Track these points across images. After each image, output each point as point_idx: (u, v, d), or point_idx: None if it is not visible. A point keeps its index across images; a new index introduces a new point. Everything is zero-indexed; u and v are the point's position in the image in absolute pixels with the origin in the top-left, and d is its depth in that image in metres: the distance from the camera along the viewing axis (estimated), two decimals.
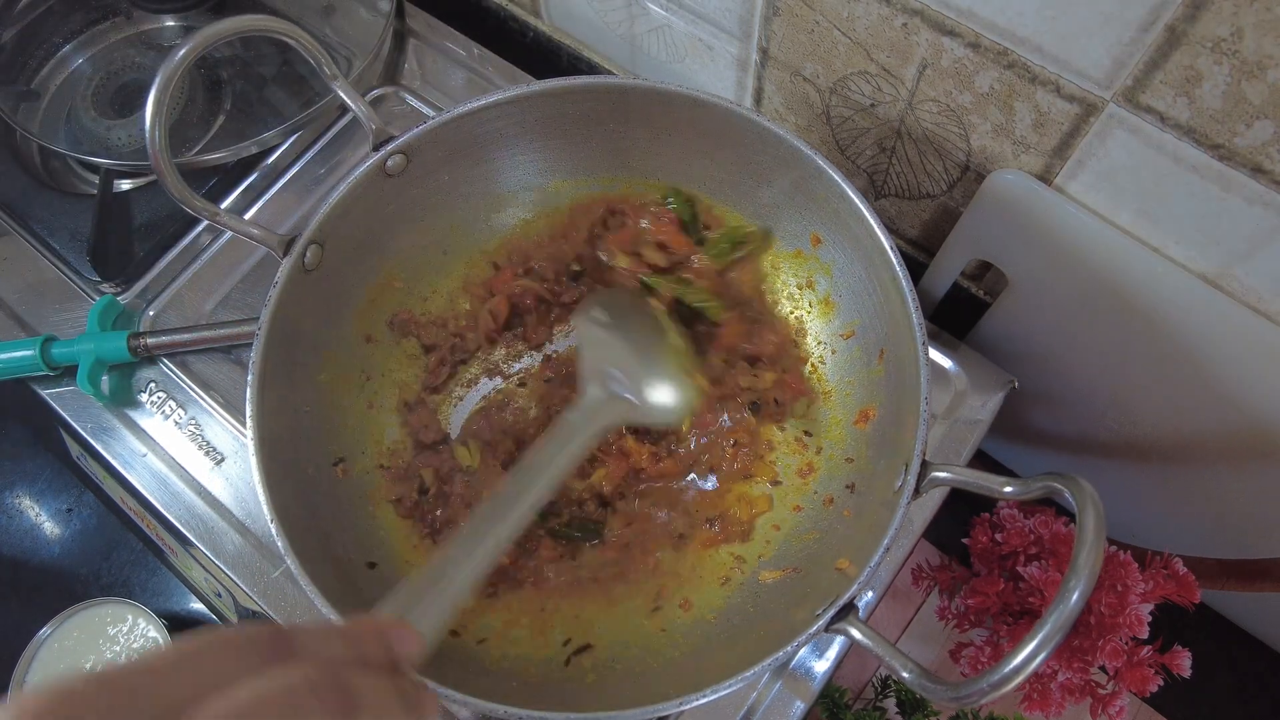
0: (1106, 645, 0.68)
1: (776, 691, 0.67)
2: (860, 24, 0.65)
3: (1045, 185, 0.65)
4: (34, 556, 0.91)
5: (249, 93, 0.89)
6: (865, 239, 0.63)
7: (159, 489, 0.74)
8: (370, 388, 0.71)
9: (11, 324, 0.80)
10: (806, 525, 0.66)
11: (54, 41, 0.91)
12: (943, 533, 0.83)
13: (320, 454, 0.66)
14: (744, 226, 0.72)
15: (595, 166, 0.74)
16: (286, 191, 0.86)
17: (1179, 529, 0.82)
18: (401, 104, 0.90)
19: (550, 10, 0.91)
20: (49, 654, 0.79)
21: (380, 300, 0.72)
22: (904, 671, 0.48)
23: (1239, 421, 0.67)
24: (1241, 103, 0.51)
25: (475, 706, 0.52)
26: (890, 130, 0.72)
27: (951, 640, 0.78)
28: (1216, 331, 0.63)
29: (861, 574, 0.53)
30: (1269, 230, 0.57)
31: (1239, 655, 0.89)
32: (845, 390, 0.69)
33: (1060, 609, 0.41)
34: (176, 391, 0.77)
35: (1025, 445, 0.92)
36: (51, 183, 0.86)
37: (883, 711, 0.83)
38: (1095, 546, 0.42)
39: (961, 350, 0.78)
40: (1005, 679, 0.42)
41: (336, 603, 0.54)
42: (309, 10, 0.94)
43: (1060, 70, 0.57)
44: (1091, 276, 0.67)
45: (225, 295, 0.81)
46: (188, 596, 0.89)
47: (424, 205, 0.71)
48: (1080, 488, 0.45)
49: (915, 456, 0.55)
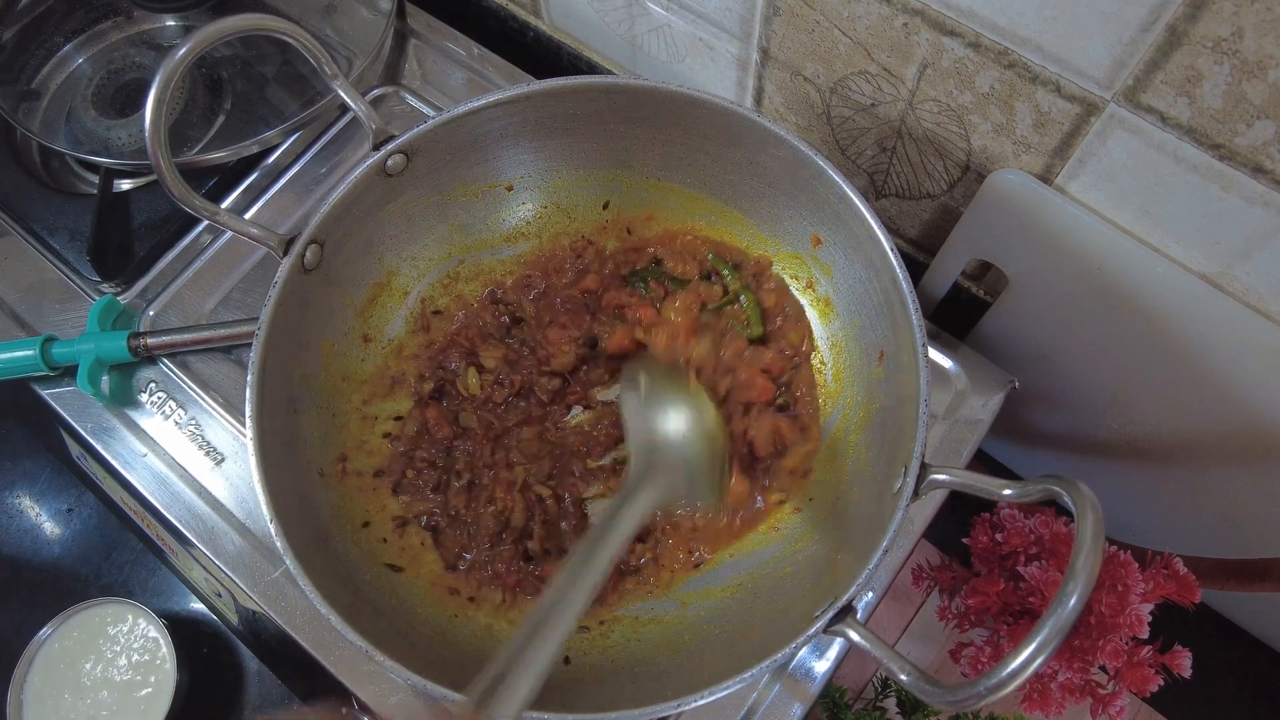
0: (1107, 645, 0.67)
1: (776, 692, 0.67)
2: (861, 24, 0.64)
3: (1046, 185, 0.65)
4: (34, 556, 0.91)
5: (249, 92, 0.89)
6: (865, 239, 0.63)
7: (159, 489, 0.74)
8: (370, 388, 0.71)
9: (11, 324, 0.80)
10: (805, 526, 0.66)
11: (54, 41, 0.91)
12: (943, 533, 0.83)
13: (320, 454, 0.66)
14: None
15: (595, 166, 0.74)
16: (286, 191, 0.86)
17: (1179, 529, 0.82)
18: (402, 104, 0.90)
19: (550, 10, 0.91)
20: (49, 654, 0.79)
21: (380, 300, 0.72)
22: (901, 674, 0.48)
23: (1239, 421, 0.67)
24: (1242, 102, 0.51)
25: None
26: (891, 130, 0.72)
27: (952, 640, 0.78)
28: (1216, 331, 0.63)
29: (860, 576, 0.53)
30: (1269, 230, 0.56)
31: (1239, 655, 0.89)
32: (845, 391, 0.69)
33: (1058, 612, 0.41)
34: (176, 391, 0.77)
35: (1025, 445, 0.91)
36: (51, 182, 0.86)
37: (883, 711, 0.83)
38: (1093, 550, 0.42)
39: (962, 350, 0.78)
40: (1002, 683, 0.42)
41: (335, 604, 0.54)
42: (310, 10, 0.93)
43: (1061, 70, 0.57)
44: (1092, 276, 0.66)
45: (225, 295, 0.81)
46: (188, 596, 0.89)
47: (424, 205, 0.71)
48: (1079, 491, 0.44)
49: (914, 458, 0.55)
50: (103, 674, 0.78)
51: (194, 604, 0.88)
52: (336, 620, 0.53)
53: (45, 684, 0.78)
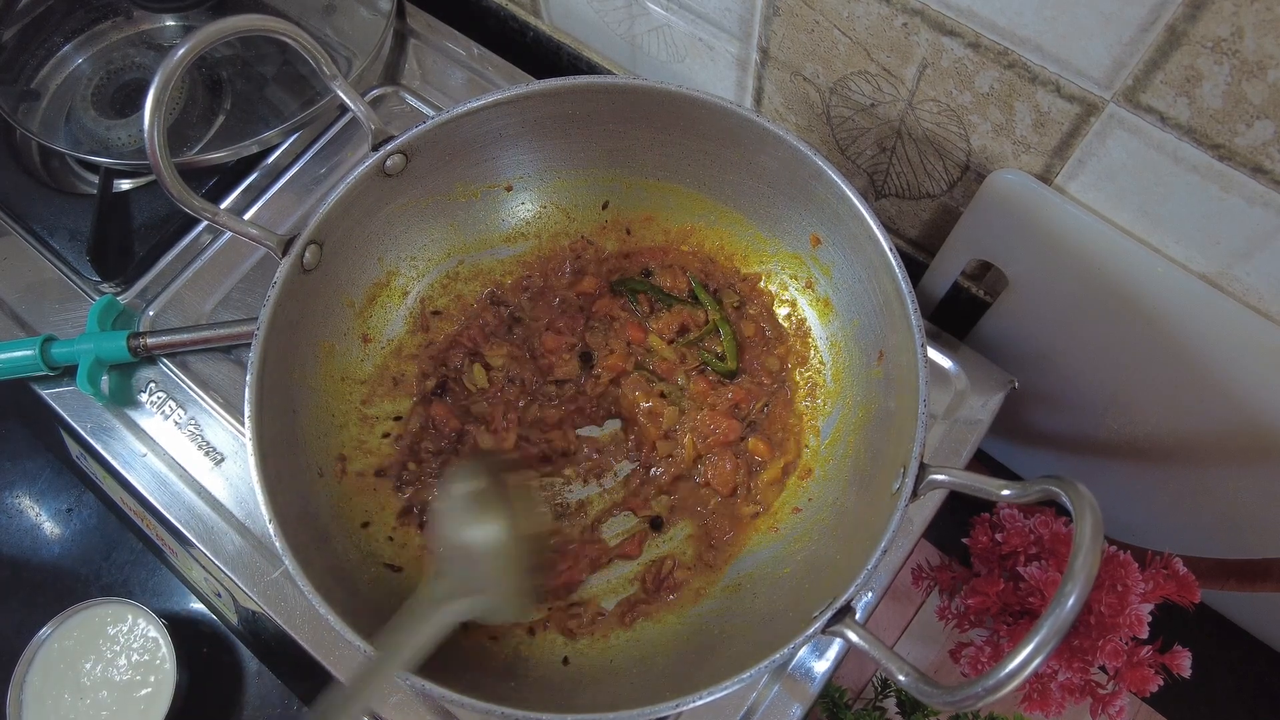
0: (1106, 645, 0.67)
1: (776, 692, 0.67)
2: (860, 24, 0.64)
3: (1045, 185, 0.65)
4: (34, 556, 0.91)
5: (249, 92, 0.89)
6: (865, 239, 0.63)
7: (159, 489, 0.74)
8: (369, 388, 0.71)
9: (11, 324, 0.80)
10: (804, 526, 0.66)
11: (54, 41, 0.91)
12: (943, 532, 0.83)
13: (319, 454, 0.66)
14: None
15: (595, 166, 0.73)
16: (286, 191, 0.86)
17: (1179, 529, 0.82)
18: (401, 104, 0.90)
19: (550, 10, 0.91)
20: (49, 654, 0.79)
21: (379, 300, 0.72)
22: (900, 675, 0.48)
23: (1239, 421, 0.67)
24: (1242, 102, 0.51)
25: (475, 707, 0.52)
26: (890, 130, 0.72)
27: (951, 640, 0.78)
28: (1216, 331, 0.63)
29: (859, 576, 0.53)
30: (1269, 230, 0.56)
31: (1239, 655, 0.89)
32: (844, 391, 0.69)
33: (1056, 613, 0.41)
34: (176, 391, 0.77)
35: (1025, 445, 0.91)
36: (51, 182, 0.86)
37: (883, 712, 0.83)
38: (1092, 551, 0.42)
39: (961, 350, 0.78)
40: (1001, 683, 0.42)
41: (335, 604, 0.54)
42: (309, 10, 0.93)
43: (1060, 70, 0.57)
44: (1092, 276, 0.66)
45: (225, 295, 0.81)
46: (188, 596, 0.89)
47: (423, 205, 0.71)
48: (1078, 492, 0.44)
49: (913, 459, 0.55)
50: (102, 674, 0.79)
51: (194, 604, 0.88)
52: (336, 620, 0.53)
53: (45, 684, 0.78)
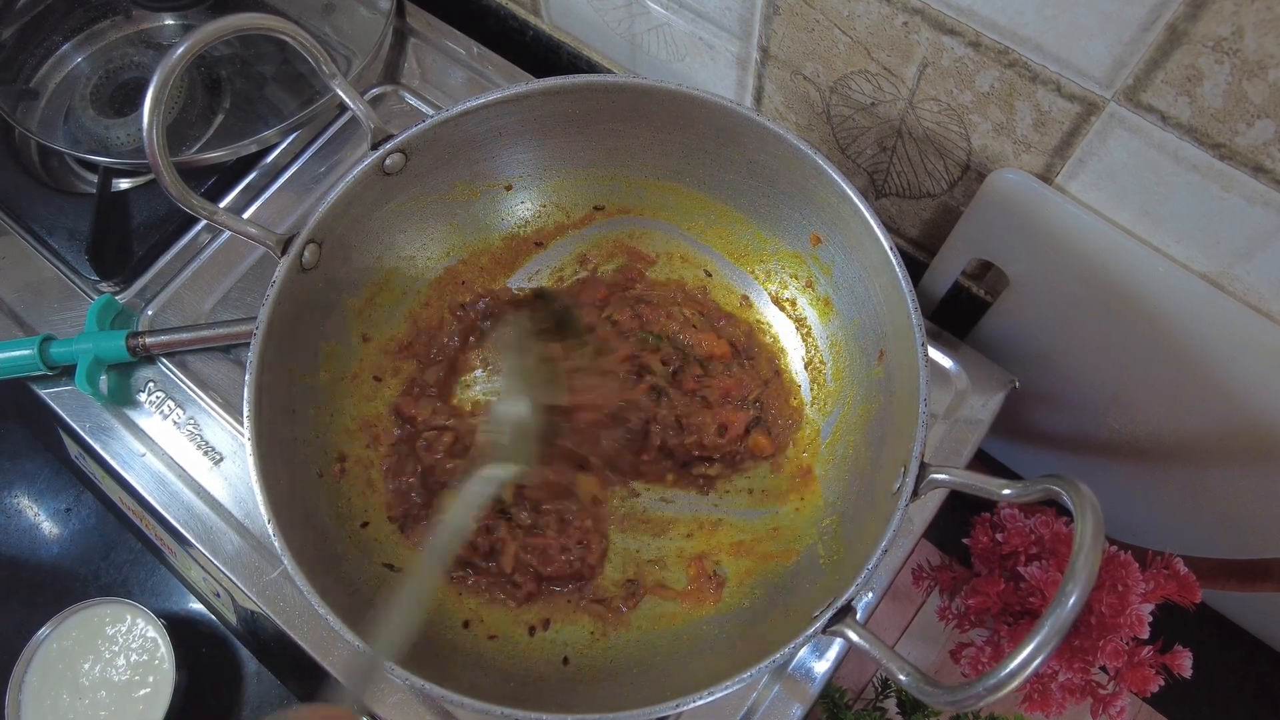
0: (1107, 645, 0.67)
1: (776, 693, 0.67)
2: (861, 23, 0.64)
3: (1046, 184, 0.65)
4: (33, 556, 0.91)
5: (248, 91, 0.89)
6: (865, 239, 0.63)
7: (157, 489, 0.74)
8: (368, 387, 0.71)
9: (10, 323, 0.80)
10: (804, 527, 0.66)
11: (53, 40, 0.91)
12: (943, 532, 0.83)
13: (318, 454, 0.66)
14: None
15: (595, 165, 0.73)
16: (285, 190, 0.85)
17: (1179, 529, 0.82)
18: (401, 103, 0.90)
19: (550, 9, 0.90)
20: (48, 654, 0.79)
21: (379, 299, 0.72)
22: (900, 675, 0.48)
23: (1240, 421, 0.67)
24: (1242, 102, 0.51)
25: (475, 707, 0.51)
26: (891, 129, 0.72)
27: (952, 640, 0.78)
28: (1217, 331, 0.63)
29: (859, 576, 0.53)
30: (1270, 230, 0.56)
31: (1240, 655, 0.89)
32: (845, 390, 0.69)
33: (1057, 613, 0.41)
34: (175, 391, 0.77)
35: (1026, 445, 0.91)
36: (50, 182, 0.86)
37: (883, 712, 0.83)
38: (1092, 551, 0.42)
39: (962, 350, 0.78)
40: (1001, 683, 0.42)
41: (334, 603, 0.54)
42: (309, 9, 0.93)
43: (1061, 69, 0.57)
44: (1092, 276, 0.66)
45: (224, 294, 0.81)
46: (186, 596, 0.89)
47: (423, 204, 0.71)
48: (1079, 491, 0.44)
49: (914, 458, 0.54)
50: (101, 674, 0.78)
51: (192, 604, 0.88)
52: (335, 620, 0.53)
53: (44, 684, 0.78)
